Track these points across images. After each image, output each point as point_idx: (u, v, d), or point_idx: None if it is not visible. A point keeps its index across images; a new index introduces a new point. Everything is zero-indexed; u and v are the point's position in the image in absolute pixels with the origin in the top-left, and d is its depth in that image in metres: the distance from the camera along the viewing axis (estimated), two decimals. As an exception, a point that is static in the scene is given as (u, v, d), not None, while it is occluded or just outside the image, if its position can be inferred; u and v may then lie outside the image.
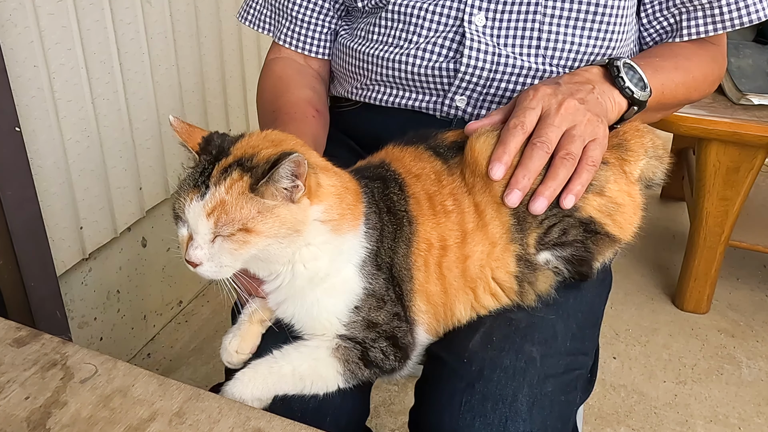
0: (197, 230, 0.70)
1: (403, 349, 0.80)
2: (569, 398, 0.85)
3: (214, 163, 0.71)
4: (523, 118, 0.80)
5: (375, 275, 0.78)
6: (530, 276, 0.84)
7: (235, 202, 0.69)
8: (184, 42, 1.71)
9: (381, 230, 0.78)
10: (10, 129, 1.27)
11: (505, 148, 0.78)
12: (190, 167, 0.74)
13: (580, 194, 0.80)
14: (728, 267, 2.14)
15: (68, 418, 0.65)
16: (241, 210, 0.69)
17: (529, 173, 0.78)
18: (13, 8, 1.26)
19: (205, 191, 0.70)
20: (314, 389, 0.79)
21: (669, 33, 1.03)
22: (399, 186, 0.82)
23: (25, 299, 1.39)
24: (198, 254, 0.71)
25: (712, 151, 1.73)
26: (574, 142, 0.80)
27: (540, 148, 0.79)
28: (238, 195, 0.69)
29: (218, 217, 0.69)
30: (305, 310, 0.78)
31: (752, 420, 1.64)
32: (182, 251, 0.73)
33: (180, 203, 0.72)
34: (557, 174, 0.79)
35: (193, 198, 0.70)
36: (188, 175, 0.73)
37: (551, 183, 0.79)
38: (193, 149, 0.74)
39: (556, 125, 0.80)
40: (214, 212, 0.69)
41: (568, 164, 0.79)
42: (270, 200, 0.70)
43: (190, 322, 1.93)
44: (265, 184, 0.69)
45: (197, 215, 0.70)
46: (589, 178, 0.80)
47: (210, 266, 0.71)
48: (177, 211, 0.73)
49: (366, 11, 1.04)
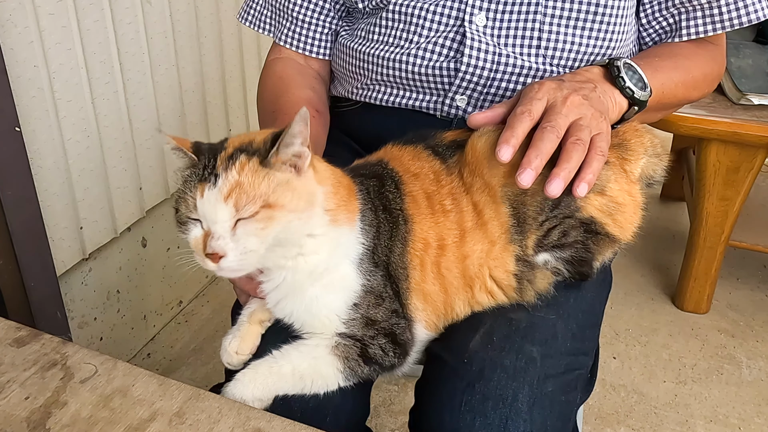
0: (216, 219, 0.69)
1: (402, 345, 0.80)
2: (569, 398, 0.85)
3: (214, 158, 0.71)
4: (530, 106, 0.79)
5: (372, 272, 0.78)
6: (529, 274, 0.84)
7: (251, 180, 0.69)
8: (184, 42, 1.71)
9: (377, 227, 0.78)
10: (10, 129, 1.27)
11: (513, 131, 0.76)
12: (188, 168, 0.73)
13: (593, 183, 0.78)
14: (728, 267, 2.14)
15: (68, 418, 0.65)
16: (259, 186, 0.69)
17: (541, 154, 0.75)
18: (13, 8, 1.26)
19: (215, 179, 0.69)
20: (315, 388, 0.79)
21: (668, 33, 1.03)
22: (395, 184, 0.82)
23: (25, 299, 1.39)
24: (221, 244, 0.69)
25: (712, 151, 1.73)
26: (583, 131, 0.78)
27: (550, 132, 0.77)
28: (252, 173, 0.69)
29: (237, 199, 0.68)
30: (304, 306, 0.78)
31: (752, 420, 1.64)
32: (198, 252, 0.71)
33: (188, 202, 0.71)
34: (571, 157, 0.76)
35: (204, 190, 0.69)
36: (189, 175, 0.72)
37: (566, 165, 0.76)
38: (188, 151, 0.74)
39: (563, 114, 0.78)
40: (232, 194, 0.68)
41: (579, 148, 0.77)
42: (282, 173, 0.70)
43: (190, 322, 1.93)
44: (275, 154, 0.69)
45: (214, 203, 0.69)
46: (599, 167, 0.78)
47: (234, 256, 0.69)
48: (184, 213, 0.71)
49: (367, 12, 1.04)
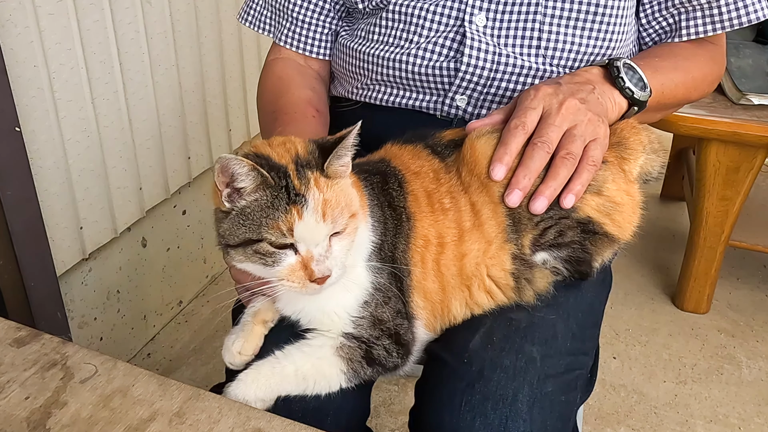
0: (318, 240, 0.68)
1: (405, 345, 0.81)
2: (569, 398, 0.85)
3: (285, 176, 0.68)
4: (524, 118, 0.81)
5: (380, 270, 0.78)
6: (527, 273, 0.84)
7: (332, 195, 0.69)
8: (184, 42, 1.71)
9: (384, 224, 0.79)
10: (10, 129, 1.27)
11: (506, 148, 0.79)
12: (257, 191, 0.68)
13: (581, 194, 0.80)
14: (728, 267, 2.14)
15: (68, 418, 0.65)
16: (340, 199, 0.69)
17: (530, 173, 0.78)
18: (13, 8, 1.26)
19: (303, 201, 0.68)
20: (317, 389, 0.79)
21: (668, 33, 1.03)
22: (398, 182, 0.82)
23: (25, 299, 1.39)
24: (328, 265, 0.68)
25: (712, 151, 1.73)
26: (575, 142, 0.80)
27: (541, 149, 0.79)
28: (328, 187, 0.69)
29: (332, 215, 0.68)
30: (317, 304, 0.78)
31: (752, 420, 1.64)
32: (296, 279, 0.69)
33: (279, 228, 0.67)
34: (558, 174, 0.79)
35: (301, 212, 0.67)
36: (269, 198, 0.68)
37: (552, 183, 0.79)
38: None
39: (557, 125, 0.80)
40: (327, 212, 0.68)
41: (568, 164, 0.79)
42: (342, 181, 0.71)
43: (190, 322, 1.93)
44: (329, 165, 0.70)
45: (314, 224, 0.67)
46: (589, 177, 0.81)
47: (336, 273, 0.70)
48: (276, 240, 0.68)
49: (367, 12, 1.04)
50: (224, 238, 0.72)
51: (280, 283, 0.70)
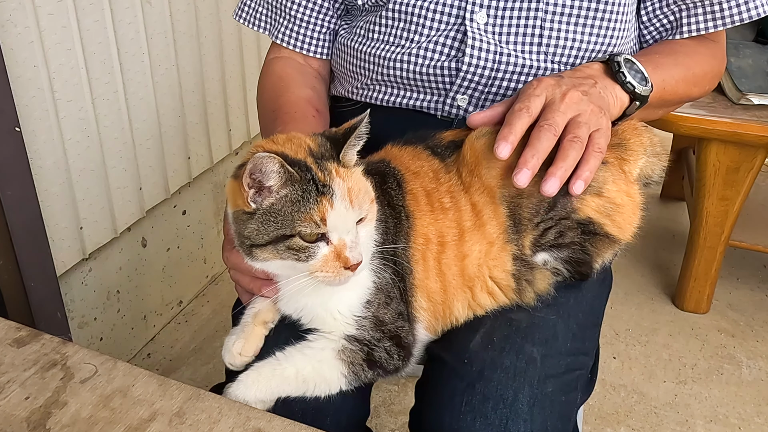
0: (349, 227, 0.70)
1: (406, 348, 0.81)
2: (570, 398, 0.85)
3: (307, 170, 0.69)
4: (528, 102, 0.79)
5: (381, 269, 0.78)
6: (528, 274, 0.84)
7: (353, 183, 0.71)
8: (184, 42, 1.71)
9: (385, 223, 0.79)
10: (10, 129, 1.27)
11: (511, 128, 0.77)
12: (285, 187, 0.68)
13: (589, 180, 0.78)
14: (728, 267, 2.14)
15: (68, 418, 0.65)
16: (360, 186, 0.71)
17: (538, 153, 0.75)
18: (13, 8, 1.26)
19: (331, 191, 0.69)
20: (317, 391, 0.79)
21: (669, 30, 1.03)
22: (397, 182, 0.82)
23: (25, 299, 1.39)
24: (360, 251, 0.70)
25: (712, 151, 1.73)
26: (581, 128, 0.78)
27: (548, 130, 0.77)
28: (347, 176, 0.71)
29: (358, 202, 0.70)
30: (320, 301, 0.78)
31: (752, 420, 1.64)
32: (331, 269, 0.70)
33: (313, 219, 0.68)
34: (567, 155, 0.76)
35: (333, 201, 0.68)
36: (298, 192, 0.68)
37: (562, 164, 0.76)
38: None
39: (561, 111, 0.79)
40: (353, 199, 0.70)
41: (577, 146, 0.77)
42: (357, 169, 0.73)
43: (190, 322, 1.93)
44: (344, 154, 0.72)
45: (345, 212, 0.69)
46: (596, 164, 0.78)
47: (366, 258, 0.72)
48: (312, 232, 0.69)
49: (366, 9, 1.04)
50: (249, 239, 0.71)
51: (313, 276, 0.71)
